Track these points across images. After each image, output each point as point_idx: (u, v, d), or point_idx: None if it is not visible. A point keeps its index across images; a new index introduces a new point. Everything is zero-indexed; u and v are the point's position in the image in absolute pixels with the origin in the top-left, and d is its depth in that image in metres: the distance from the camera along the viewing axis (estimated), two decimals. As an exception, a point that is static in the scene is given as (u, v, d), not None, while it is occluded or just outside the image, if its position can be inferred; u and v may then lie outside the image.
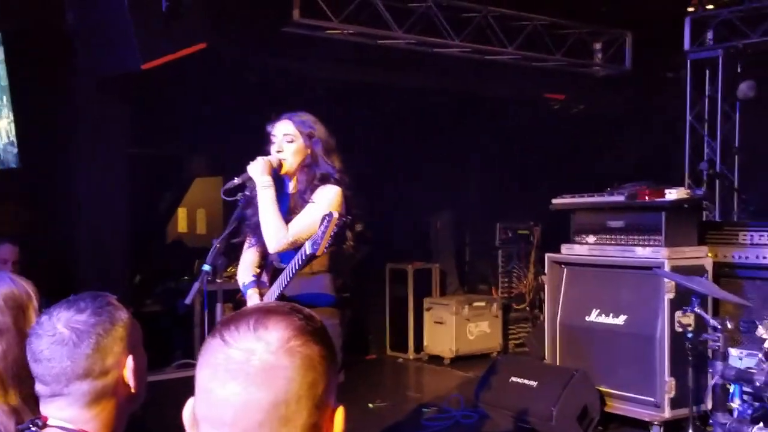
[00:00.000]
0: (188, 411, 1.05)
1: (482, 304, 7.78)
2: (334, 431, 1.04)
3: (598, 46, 7.43)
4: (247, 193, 3.05)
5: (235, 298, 4.69)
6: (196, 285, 2.84)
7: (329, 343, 1.05)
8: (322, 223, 2.77)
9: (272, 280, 3.19)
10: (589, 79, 7.58)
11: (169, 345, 6.23)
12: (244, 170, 3.11)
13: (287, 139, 3.17)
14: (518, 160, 7.98)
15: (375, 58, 6.50)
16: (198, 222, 8.07)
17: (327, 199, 3.08)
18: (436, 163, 7.73)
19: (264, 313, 1.04)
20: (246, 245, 3.32)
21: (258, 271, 3.31)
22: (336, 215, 2.76)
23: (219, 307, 3.17)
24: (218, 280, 3.00)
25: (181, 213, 8.16)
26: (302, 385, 0.99)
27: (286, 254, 3.11)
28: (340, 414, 1.04)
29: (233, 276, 6.50)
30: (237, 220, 3.08)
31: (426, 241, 8.55)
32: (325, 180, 3.16)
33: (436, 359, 7.62)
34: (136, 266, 6.65)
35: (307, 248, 2.84)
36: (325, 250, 2.80)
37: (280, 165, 3.16)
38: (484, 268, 8.35)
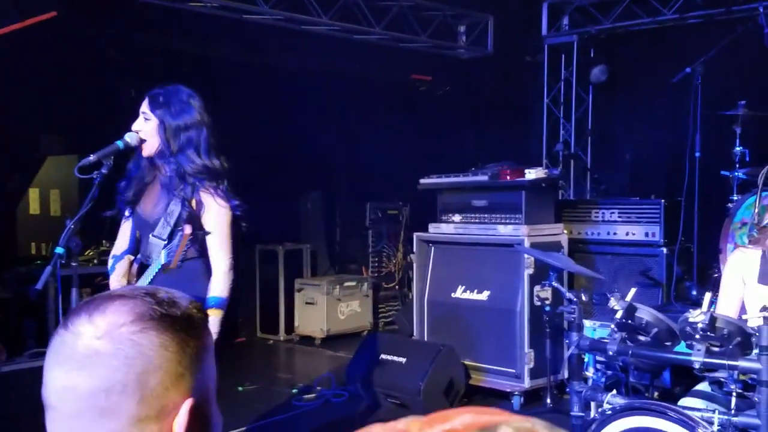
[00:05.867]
0: None
1: (353, 283, 7.82)
2: (175, 427, 0.95)
3: (461, 29, 7.59)
4: (104, 171, 2.87)
5: (93, 282, 4.44)
6: (48, 269, 2.66)
7: (182, 333, 0.96)
8: (176, 236, 2.78)
9: (139, 275, 3.05)
10: (455, 61, 7.73)
11: (20, 334, 5.86)
12: (101, 148, 2.92)
13: (144, 117, 3.01)
14: (388, 140, 8.06)
15: (242, 34, 6.33)
16: (52, 203, 7.61)
17: (221, 230, 2.96)
18: (305, 142, 7.66)
19: (113, 296, 0.98)
20: (123, 219, 3.18)
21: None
22: (188, 232, 2.75)
23: (74, 292, 2.99)
24: (73, 264, 2.82)
25: (33, 194, 7.66)
26: (128, 374, 0.92)
27: (157, 250, 2.99)
28: (184, 408, 0.96)
29: (91, 259, 6.16)
30: (93, 200, 2.90)
31: (296, 222, 8.49)
32: (199, 187, 2.94)
33: (307, 340, 7.60)
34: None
35: (163, 258, 2.82)
36: (179, 263, 2.80)
37: (141, 146, 3.00)
38: (355, 248, 8.40)
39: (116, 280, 3.10)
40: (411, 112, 8.12)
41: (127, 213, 3.14)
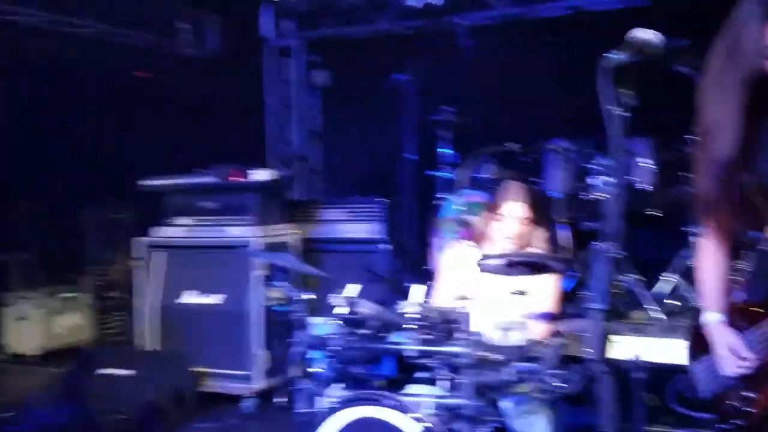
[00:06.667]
0: None
1: (72, 294, 7.28)
2: None
3: (184, 26, 7.39)
4: None
5: None
6: None
7: None
8: None
9: None
10: (179, 60, 7.52)
11: None
12: None
13: None
14: (110, 140, 7.59)
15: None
16: None
17: None
18: (16, 144, 6.96)
19: None
20: None
21: None
22: None
23: None
24: None
25: None
26: None
27: None
28: None
29: None
30: None
31: (3, 230, 7.67)
32: None
33: (19, 358, 6.91)
34: None
35: None
36: None
37: None
38: (73, 256, 7.80)
39: None
40: (134, 111, 7.71)
41: None
